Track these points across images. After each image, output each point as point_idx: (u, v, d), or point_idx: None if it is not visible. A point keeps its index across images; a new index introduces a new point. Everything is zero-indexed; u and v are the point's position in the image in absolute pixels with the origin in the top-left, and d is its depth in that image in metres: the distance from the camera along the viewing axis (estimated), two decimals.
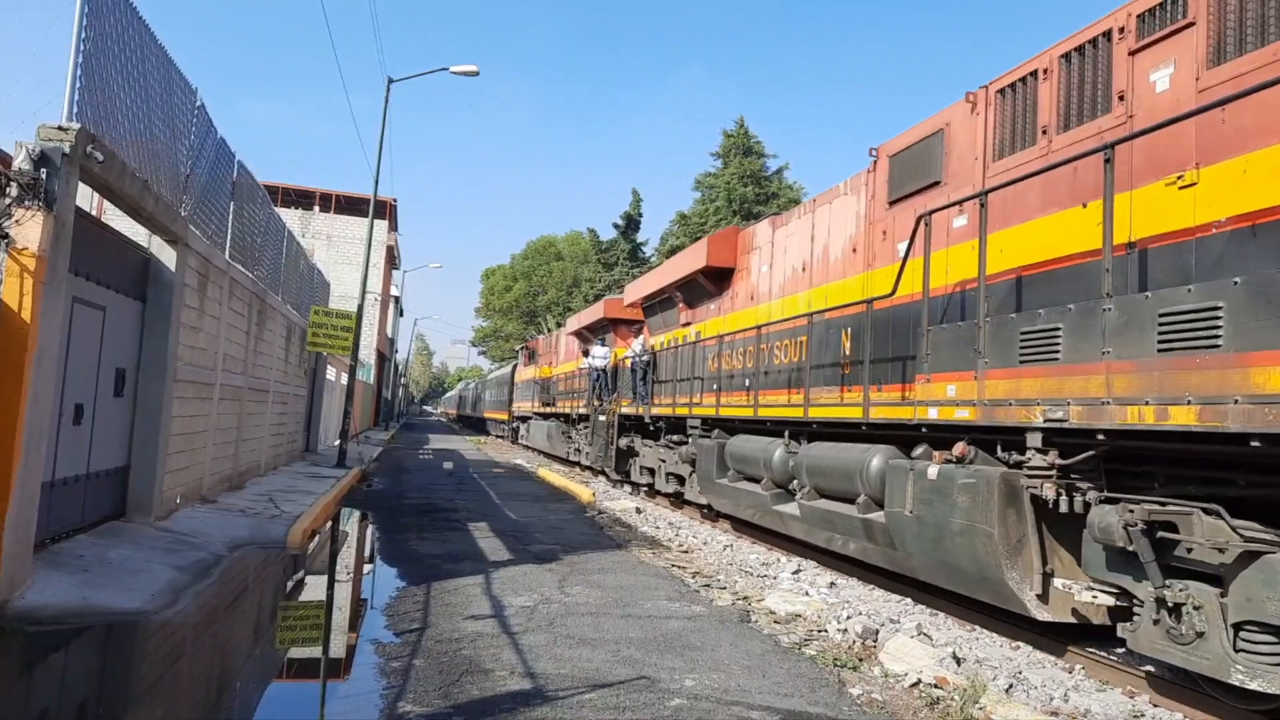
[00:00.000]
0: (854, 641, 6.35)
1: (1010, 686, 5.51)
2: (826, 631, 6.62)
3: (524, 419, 33.96)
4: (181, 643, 5.89)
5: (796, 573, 9.06)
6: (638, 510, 13.84)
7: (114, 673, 5.22)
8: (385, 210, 48.93)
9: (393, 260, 56.69)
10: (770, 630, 6.51)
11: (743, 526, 12.31)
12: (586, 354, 20.50)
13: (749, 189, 38.19)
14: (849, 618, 6.96)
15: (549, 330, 59.86)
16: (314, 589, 8.07)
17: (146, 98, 8.06)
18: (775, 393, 10.78)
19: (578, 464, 23.15)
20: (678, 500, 14.83)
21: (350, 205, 48.06)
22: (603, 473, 19.89)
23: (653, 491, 16.27)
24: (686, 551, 10.34)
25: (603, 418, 18.67)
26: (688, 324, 15.00)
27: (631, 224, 48.82)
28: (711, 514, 13.47)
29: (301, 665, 5.76)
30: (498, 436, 45.02)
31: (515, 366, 38.14)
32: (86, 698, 4.80)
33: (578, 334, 24.92)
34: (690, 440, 13.42)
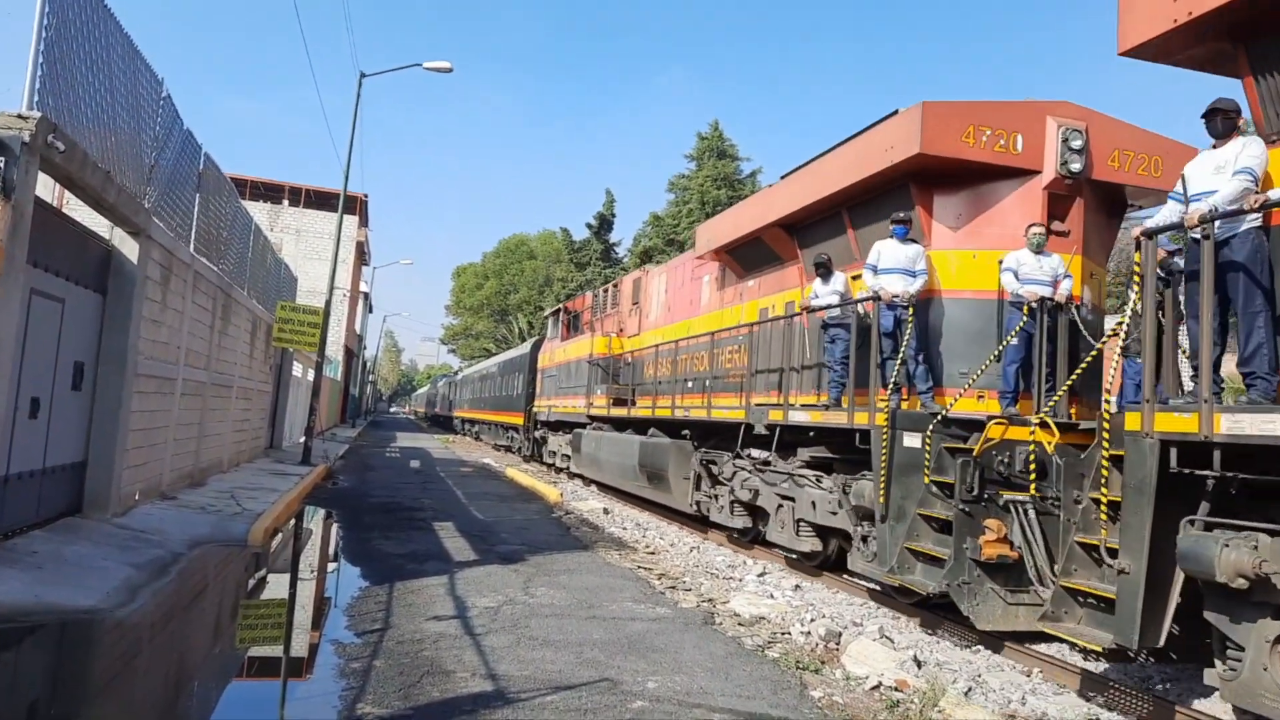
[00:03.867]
0: (817, 644, 6.39)
1: (969, 690, 5.57)
2: (790, 634, 6.65)
3: (560, 426, 20.81)
4: (137, 642, 5.79)
5: (762, 575, 9.10)
6: (605, 511, 13.82)
7: (67, 672, 5.11)
8: (355, 205, 48.50)
9: (362, 256, 56.17)
10: (734, 632, 6.53)
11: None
12: (825, 273, 8.99)
13: (722, 192, 38.28)
14: (812, 620, 7.00)
15: (522, 327, 59.01)
16: (275, 588, 7.97)
17: (111, 87, 7.92)
18: None
19: (758, 542, 10.83)
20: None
21: (320, 200, 47.56)
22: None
23: None
24: (653, 553, 10.34)
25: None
26: None
27: (605, 224, 48.70)
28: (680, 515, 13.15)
29: (261, 665, 5.69)
30: (499, 447, 31.88)
31: (538, 343, 25.84)
32: (37, 697, 4.70)
33: (738, 250, 11.66)
34: None
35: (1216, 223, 4.92)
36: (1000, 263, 7.75)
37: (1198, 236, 4.90)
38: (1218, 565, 4.42)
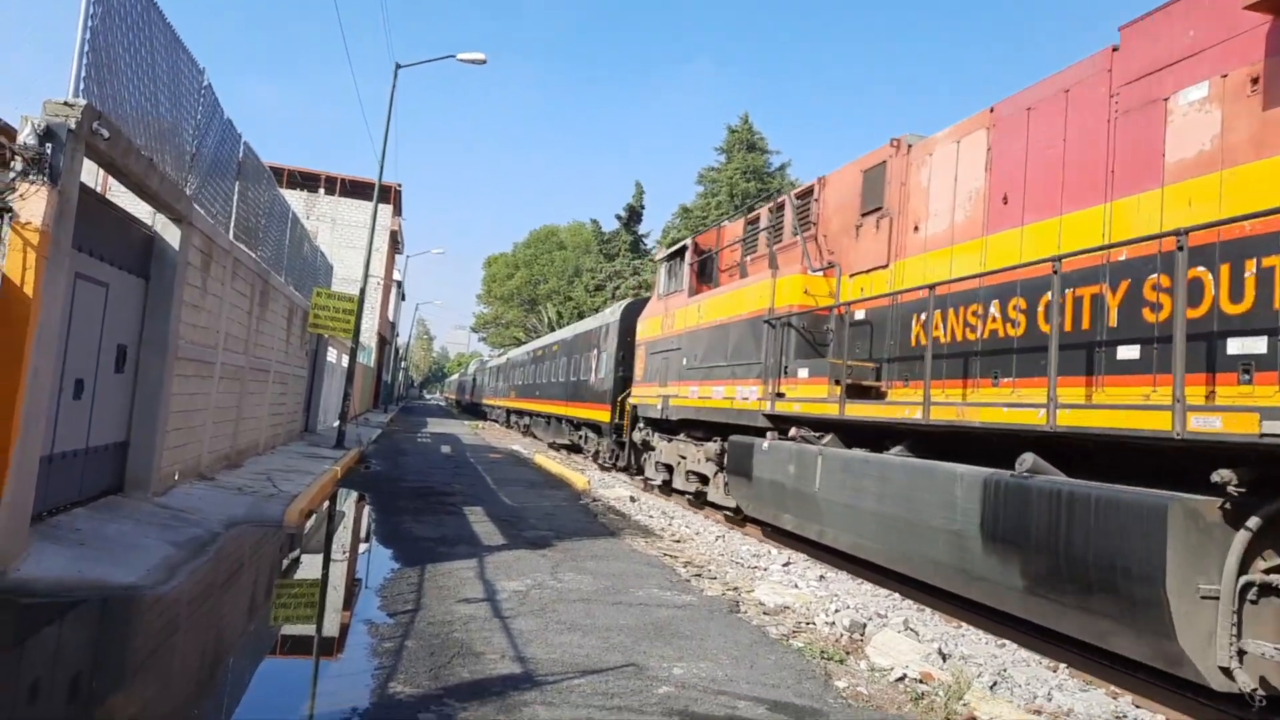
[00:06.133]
0: (841, 634, 6.40)
1: (995, 684, 5.56)
2: (814, 624, 6.67)
3: (682, 427, 13.65)
4: (175, 618, 5.94)
5: (787, 564, 9.12)
6: (632, 499, 13.89)
7: (107, 646, 5.27)
8: (390, 195, 48.89)
9: (396, 245, 56.65)
10: (759, 621, 6.56)
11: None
12: None
13: (751, 184, 38.16)
14: (837, 611, 7.01)
15: (551, 317, 58.97)
16: (309, 568, 8.12)
17: (153, 75, 8.07)
18: None
19: None
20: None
21: (355, 189, 48.03)
22: None
23: None
24: (679, 541, 10.39)
25: None
26: None
27: (634, 216, 48.77)
28: (702, 503, 13.15)
29: (295, 643, 5.81)
30: (559, 446, 25.32)
31: (632, 307, 18.84)
32: (79, 670, 4.85)
33: None
34: None
35: None
36: None
37: None
38: None
